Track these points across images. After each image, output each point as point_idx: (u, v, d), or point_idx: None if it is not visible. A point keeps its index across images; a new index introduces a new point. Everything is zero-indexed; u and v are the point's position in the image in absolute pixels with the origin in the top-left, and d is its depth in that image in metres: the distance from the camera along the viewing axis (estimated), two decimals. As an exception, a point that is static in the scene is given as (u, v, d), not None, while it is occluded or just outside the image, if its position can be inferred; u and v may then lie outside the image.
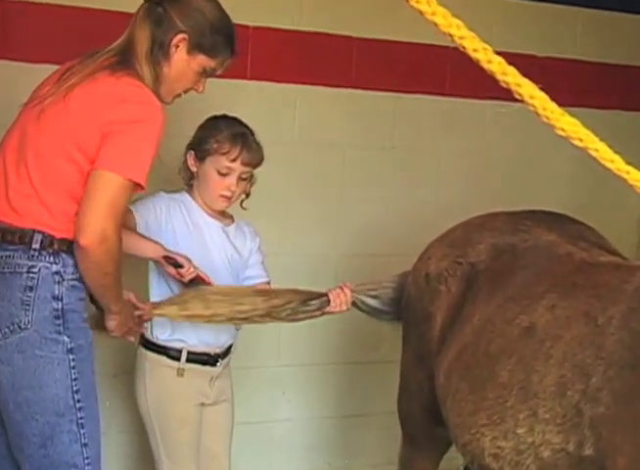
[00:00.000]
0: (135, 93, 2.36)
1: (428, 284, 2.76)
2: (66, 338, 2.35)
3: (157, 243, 2.74)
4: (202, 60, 2.49)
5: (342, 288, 2.88)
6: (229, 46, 2.53)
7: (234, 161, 2.81)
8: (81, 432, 2.39)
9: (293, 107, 3.70)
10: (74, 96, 2.35)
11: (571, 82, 4.08)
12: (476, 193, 4.01)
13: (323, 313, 2.90)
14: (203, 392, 2.90)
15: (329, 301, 2.86)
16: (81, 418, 2.38)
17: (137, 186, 2.33)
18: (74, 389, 2.37)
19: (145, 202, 2.81)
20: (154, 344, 2.86)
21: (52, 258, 2.35)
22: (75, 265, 2.37)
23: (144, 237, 2.74)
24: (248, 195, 2.93)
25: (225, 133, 2.82)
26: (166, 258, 2.73)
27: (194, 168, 2.86)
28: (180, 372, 2.84)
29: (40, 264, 2.34)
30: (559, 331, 2.33)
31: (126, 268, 2.46)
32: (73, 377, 2.36)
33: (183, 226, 2.85)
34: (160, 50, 2.44)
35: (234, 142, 2.81)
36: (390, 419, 3.22)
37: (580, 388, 2.21)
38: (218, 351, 2.91)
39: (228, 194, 2.84)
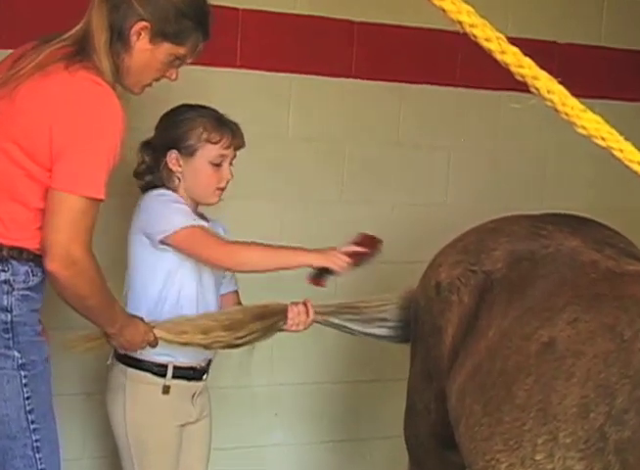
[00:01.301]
0: (89, 92, 2.35)
1: (438, 294, 2.77)
2: (16, 353, 2.37)
3: (302, 248, 2.88)
4: (168, 48, 2.48)
5: (305, 306, 2.91)
6: (200, 30, 2.52)
7: (228, 147, 2.86)
8: (37, 456, 2.40)
9: (287, 98, 3.71)
10: (23, 92, 2.35)
11: (597, 71, 4.09)
12: (490, 194, 4.02)
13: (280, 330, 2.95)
14: (186, 410, 2.92)
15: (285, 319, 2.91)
16: (37, 441, 2.39)
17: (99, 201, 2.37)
18: (27, 408, 2.38)
19: (178, 207, 2.82)
20: (136, 359, 2.86)
21: (0, 266, 2.36)
22: (28, 273, 2.39)
23: (286, 247, 2.87)
24: None
25: (207, 121, 2.85)
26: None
27: (177, 169, 2.87)
28: (166, 389, 2.85)
29: None
30: (581, 347, 2.34)
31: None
32: (26, 396, 2.38)
33: None
34: (119, 39, 2.43)
35: (221, 128, 2.86)
36: (394, 443, 3.23)
37: (605, 409, 2.22)
38: (203, 364, 2.93)
39: (224, 185, 2.89)
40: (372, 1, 3.76)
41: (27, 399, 2.38)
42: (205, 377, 2.95)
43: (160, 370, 2.86)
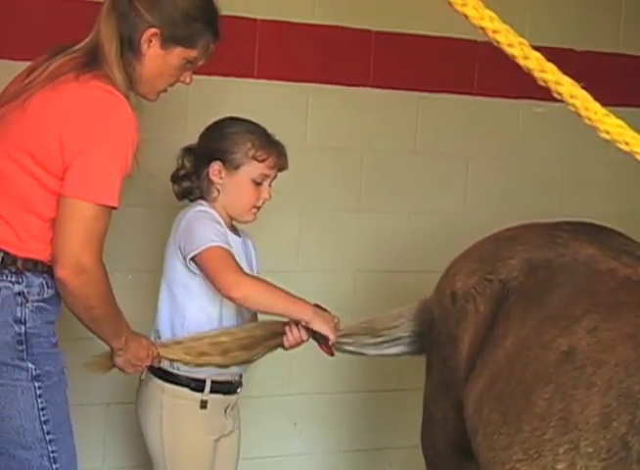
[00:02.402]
0: (100, 100, 2.34)
1: (454, 303, 2.75)
2: (30, 364, 2.36)
3: (306, 302, 2.80)
4: (180, 52, 2.47)
5: (299, 328, 2.86)
6: (209, 31, 2.50)
7: (272, 167, 2.85)
8: (54, 467, 2.40)
9: (304, 107, 3.71)
10: (34, 103, 2.35)
11: (614, 80, 4.07)
12: (508, 202, 4.00)
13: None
14: (222, 424, 2.91)
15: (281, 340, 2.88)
16: (53, 452, 2.39)
17: (112, 208, 2.35)
18: (43, 419, 2.38)
19: (215, 228, 2.79)
20: (174, 374, 2.84)
21: (14, 278, 2.36)
22: (42, 285, 2.38)
23: (292, 295, 2.79)
24: None
25: (256, 137, 2.83)
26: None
27: (218, 180, 2.84)
28: (203, 404, 2.83)
29: (1, 285, 2.35)
30: (602, 355, 2.32)
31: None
32: (41, 406, 2.37)
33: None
34: (129, 48, 2.42)
35: (270, 147, 2.85)
36: (412, 453, 3.21)
37: (627, 419, 2.20)
38: (237, 377, 2.93)
39: (261, 204, 2.88)
40: (389, 10, 3.76)
41: (42, 409, 2.38)
42: (239, 390, 2.94)
43: (197, 385, 2.84)
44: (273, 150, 2.84)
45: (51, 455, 2.39)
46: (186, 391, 2.84)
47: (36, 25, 3.21)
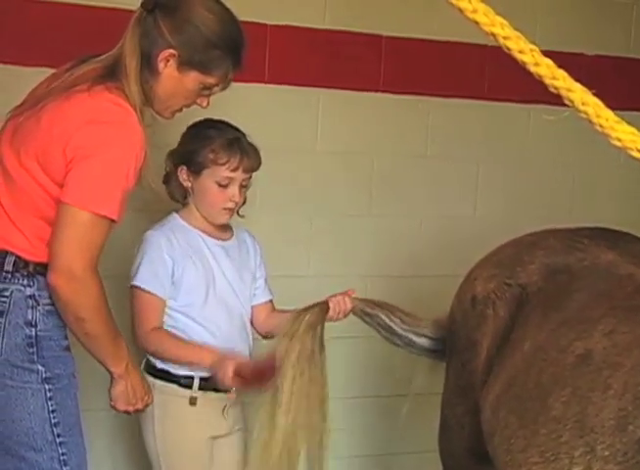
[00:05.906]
0: (108, 112, 2.37)
1: (473, 308, 2.77)
2: (40, 367, 2.39)
3: (211, 350, 2.84)
4: (196, 76, 2.49)
5: (343, 296, 2.92)
6: (230, 60, 2.52)
7: (235, 170, 2.86)
8: (64, 469, 2.42)
9: (315, 112, 3.72)
10: (48, 112, 2.39)
11: (625, 84, 4.08)
12: (519, 207, 4.02)
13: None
14: (216, 423, 2.93)
15: (327, 308, 2.90)
16: (63, 454, 2.42)
17: (111, 221, 2.36)
18: (53, 422, 2.40)
19: (150, 265, 2.84)
20: (162, 371, 2.89)
21: (26, 281, 2.39)
22: None
23: (193, 345, 2.84)
24: (244, 202, 2.98)
25: (219, 141, 2.86)
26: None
27: (187, 184, 2.90)
28: (192, 401, 2.87)
29: (13, 287, 2.38)
30: (618, 359, 2.33)
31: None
32: (51, 409, 2.40)
33: (185, 260, 2.89)
34: (147, 65, 2.45)
35: (231, 150, 2.86)
36: (426, 458, 3.22)
37: (643, 422, 2.21)
38: None
39: (232, 206, 2.90)
40: (400, 15, 3.78)
41: (52, 412, 2.41)
42: (232, 389, 2.92)
43: (186, 382, 2.88)
44: (234, 152, 2.86)
45: (61, 458, 2.42)
46: (175, 387, 2.88)
47: (39, 32, 3.24)
